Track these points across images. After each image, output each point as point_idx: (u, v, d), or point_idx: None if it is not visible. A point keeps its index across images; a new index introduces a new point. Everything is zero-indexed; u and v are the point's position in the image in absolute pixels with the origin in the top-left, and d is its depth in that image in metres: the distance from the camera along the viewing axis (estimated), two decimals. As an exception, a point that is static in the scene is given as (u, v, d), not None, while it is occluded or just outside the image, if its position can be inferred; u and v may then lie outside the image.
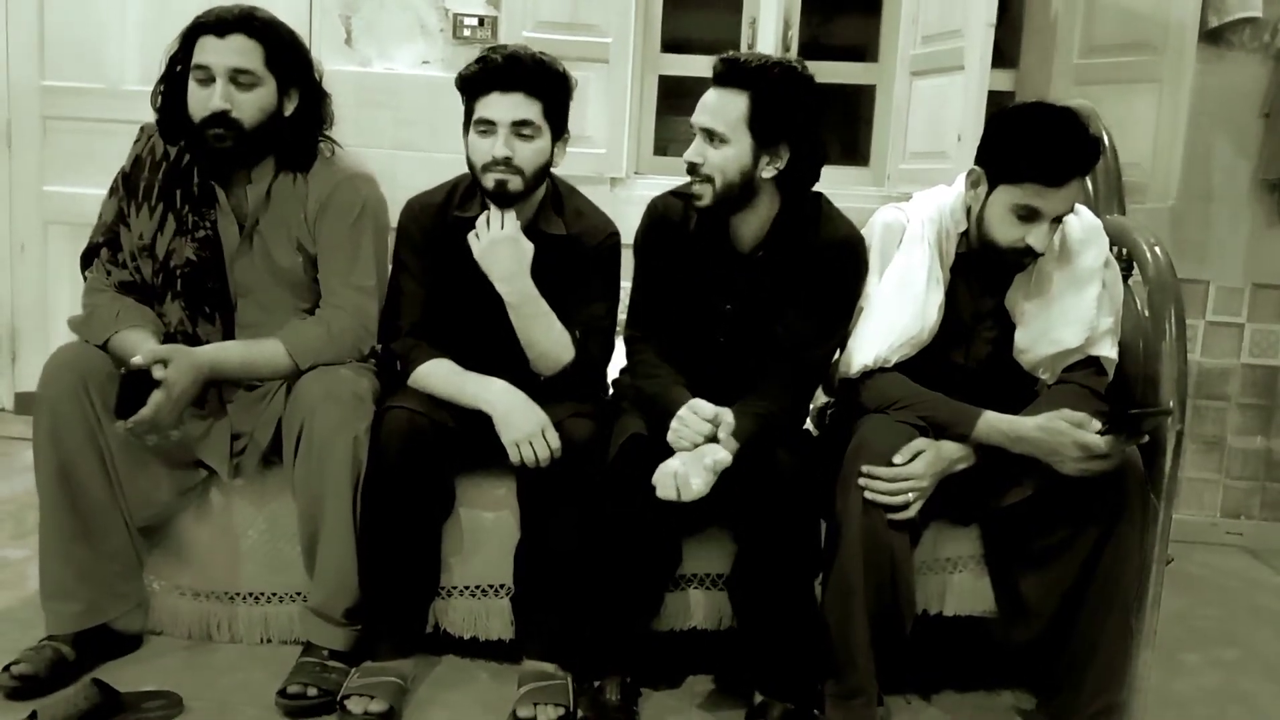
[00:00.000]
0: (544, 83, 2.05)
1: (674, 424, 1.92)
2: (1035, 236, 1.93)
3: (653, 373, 2.07)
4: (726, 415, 1.90)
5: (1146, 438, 1.95)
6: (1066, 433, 1.89)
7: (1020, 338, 2.05)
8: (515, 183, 2.05)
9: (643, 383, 2.08)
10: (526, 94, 2.03)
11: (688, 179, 2.02)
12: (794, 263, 2.05)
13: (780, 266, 2.05)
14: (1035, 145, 1.90)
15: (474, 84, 2.05)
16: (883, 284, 2.07)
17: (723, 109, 1.96)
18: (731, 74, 1.96)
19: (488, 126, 2.04)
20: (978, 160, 2.01)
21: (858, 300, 2.09)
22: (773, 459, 1.93)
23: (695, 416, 1.90)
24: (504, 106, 2.03)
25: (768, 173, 1.99)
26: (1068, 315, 2.01)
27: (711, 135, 1.96)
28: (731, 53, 2.00)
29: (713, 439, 1.89)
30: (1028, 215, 1.93)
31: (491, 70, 2.03)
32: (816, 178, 2.07)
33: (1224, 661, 2.45)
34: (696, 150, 1.98)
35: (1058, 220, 1.95)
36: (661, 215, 2.15)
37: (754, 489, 1.90)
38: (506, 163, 2.03)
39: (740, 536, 2.03)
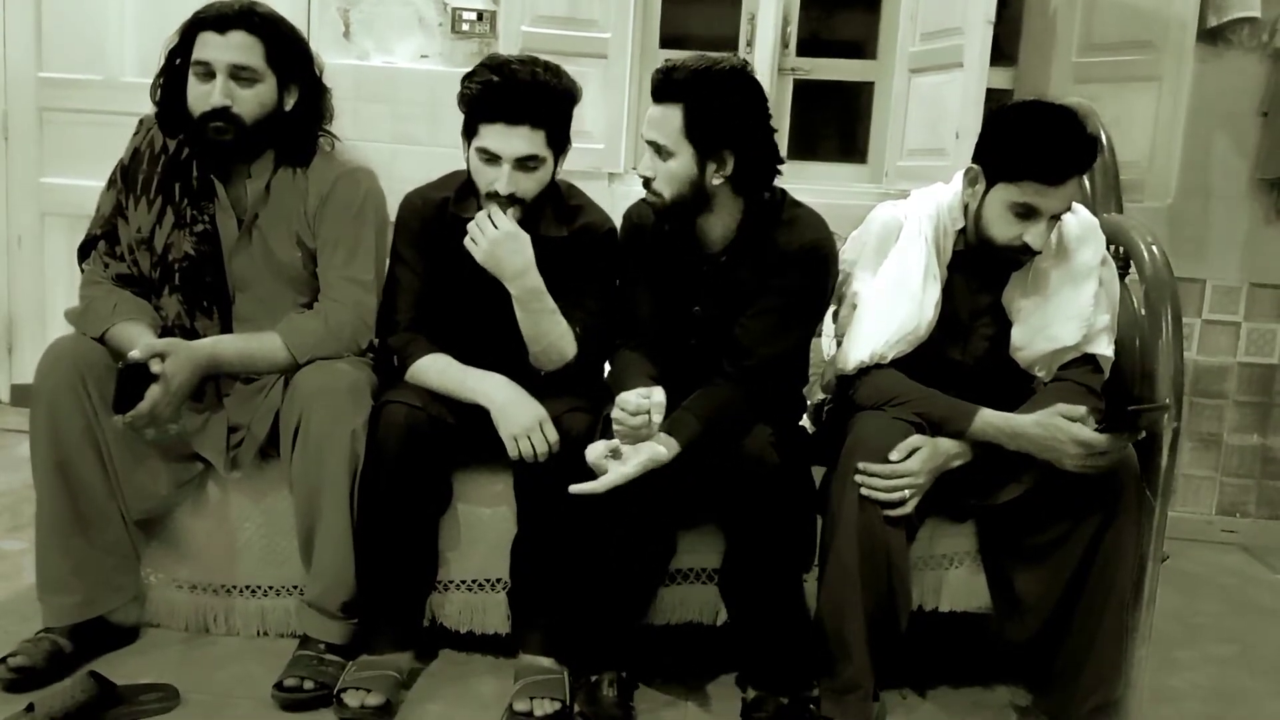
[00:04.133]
0: (549, 112, 2.03)
1: (614, 423, 1.89)
2: (1033, 235, 1.93)
3: (618, 368, 2.07)
4: (657, 394, 1.88)
5: (1144, 434, 1.96)
6: (1064, 429, 1.89)
7: (1017, 335, 2.05)
8: (517, 211, 2.05)
9: (610, 377, 2.09)
10: (532, 126, 2.00)
11: None
12: (759, 264, 2.04)
13: (745, 268, 2.05)
14: (1034, 144, 1.90)
15: (476, 108, 2.03)
16: (879, 281, 2.07)
17: (662, 122, 1.96)
18: (665, 87, 1.96)
19: (491, 157, 2.02)
20: (975, 158, 2.01)
21: (824, 304, 2.10)
22: (749, 455, 1.91)
23: (624, 413, 1.87)
24: (508, 141, 2.00)
25: (716, 180, 1.98)
26: (1065, 312, 2.02)
27: (658, 149, 1.97)
28: (668, 61, 1.98)
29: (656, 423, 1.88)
30: (1025, 213, 1.93)
31: (495, 98, 2.00)
32: (771, 178, 2.04)
33: (1219, 658, 2.46)
34: (647, 165, 2.00)
35: (1055, 218, 1.95)
36: (636, 223, 2.16)
37: (734, 485, 1.91)
38: (510, 197, 2.03)
39: (728, 532, 2.04)
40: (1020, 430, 1.93)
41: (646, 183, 2.01)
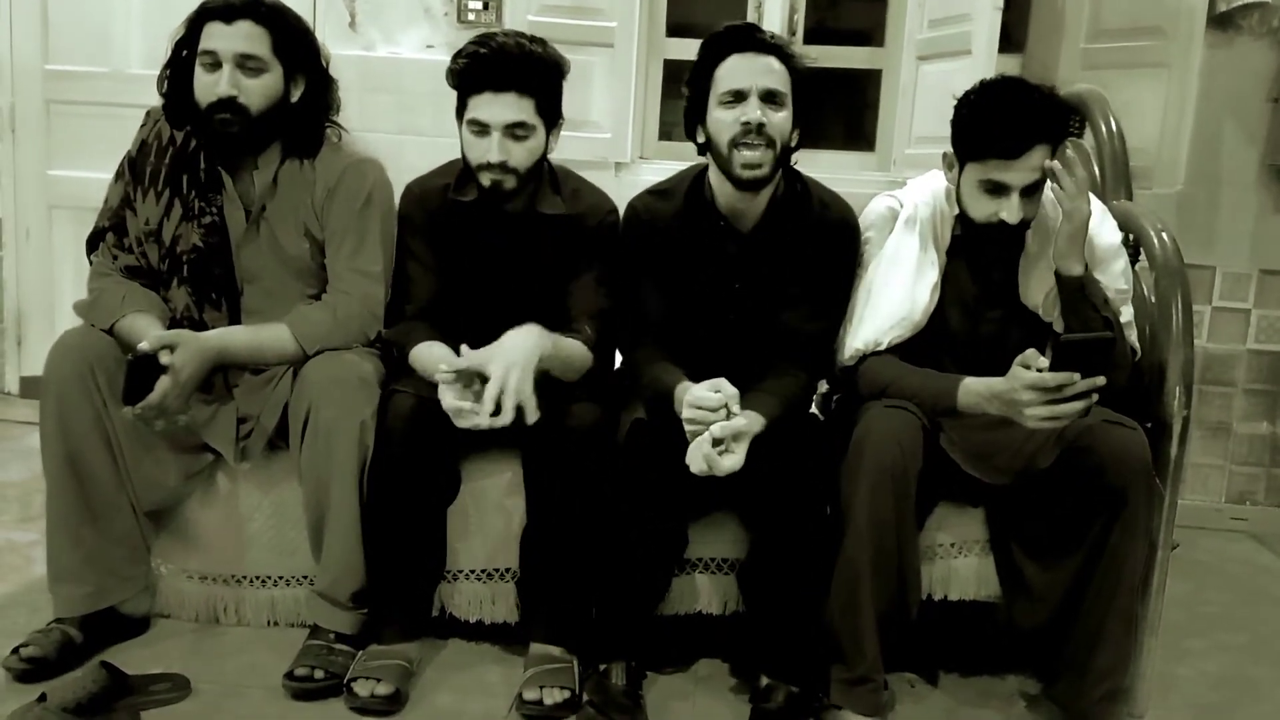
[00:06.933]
0: (536, 79, 2.03)
1: (686, 423, 1.87)
2: (1007, 210, 1.93)
3: (650, 369, 2.05)
4: (726, 386, 1.87)
5: (1103, 379, 1.82)
6: (1020, 376, 1.84)
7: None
8: (510, 181, 2.05)
9: (643, 380, 2.07)
10: (519, 93, 2.01)
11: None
12: (795, 238, 2.06)
13: (782, 242, 2.07)
14: (987, 120, 1.91)
15: (464, 80, 2.04)
16: (874, 270, 2.09)
17: (783, 73, 1.97)
18: (765, 42, 1.97)
19: (481, 128, 2.03)
20: (951, 142, 2.02)
21: (856, 273, 2.11)
22: (790, 448, 1.93)
23: (702, 410, 1.85)
24: (496, 109, 2.01)
25: (793, 140, 2.01)
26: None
27: (774, 97, 1.96)
28: (742, 22, 2.01)
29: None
30: (994, 189, 1.93)
31: (481, 68, 2.01)
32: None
33: (1228, 646, 2.46)
34: (756, 111, 1.95)
35: (1032, 191, 1.94)
36: (645, 216, 2.14)
37: (771, 478, 1.91)
38: (502, 166, 2.03)
39: (754, 525, 2.03)
40: (994, 391, 1.89)
41: (760, 129, 1.95)
